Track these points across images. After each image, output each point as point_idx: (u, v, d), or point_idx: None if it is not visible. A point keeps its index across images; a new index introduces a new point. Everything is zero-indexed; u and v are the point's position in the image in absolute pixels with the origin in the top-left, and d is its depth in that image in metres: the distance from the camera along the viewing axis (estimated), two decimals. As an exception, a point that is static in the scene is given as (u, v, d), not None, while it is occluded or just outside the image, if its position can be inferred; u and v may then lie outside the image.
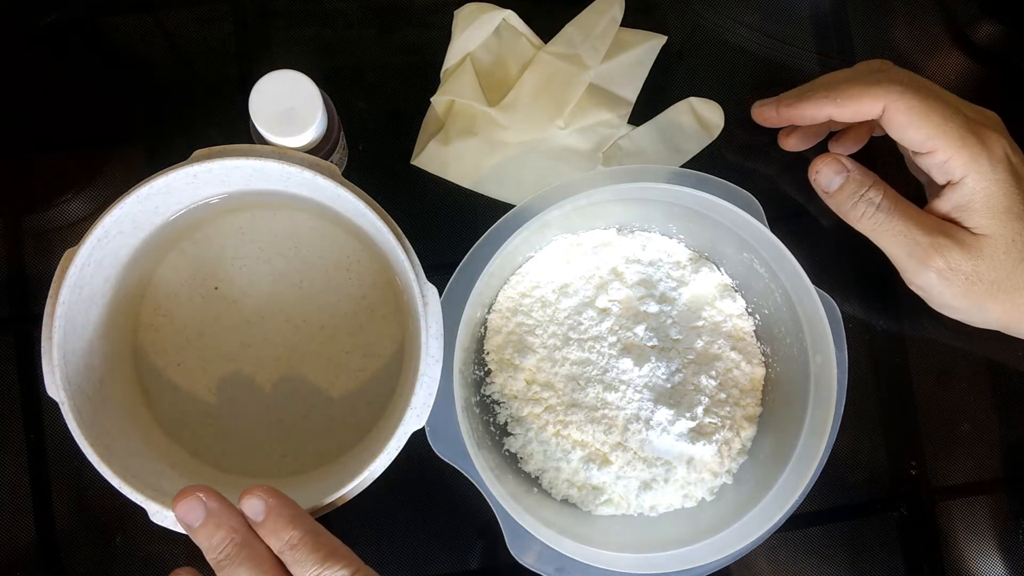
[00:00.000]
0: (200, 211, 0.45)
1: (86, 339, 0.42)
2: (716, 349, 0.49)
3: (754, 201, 0.46)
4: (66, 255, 0.40)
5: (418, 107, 0.52)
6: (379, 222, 0.41)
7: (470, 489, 0.43)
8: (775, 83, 0.53)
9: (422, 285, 0.41)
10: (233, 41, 0.52)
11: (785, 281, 0.46)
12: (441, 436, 0.43)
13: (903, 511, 0.51)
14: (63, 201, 0.51)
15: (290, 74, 0.41)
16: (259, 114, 0.41)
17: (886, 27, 0.55)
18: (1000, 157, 0.43)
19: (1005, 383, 0.52)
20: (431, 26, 0.53)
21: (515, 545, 0.44)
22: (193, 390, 0.46)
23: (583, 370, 0.48)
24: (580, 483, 0.48)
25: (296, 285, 0.47)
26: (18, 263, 0.50)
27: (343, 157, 0.49)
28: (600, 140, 0.52)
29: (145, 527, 0.41)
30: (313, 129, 0.42)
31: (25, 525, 0.48)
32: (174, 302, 0.47)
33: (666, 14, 0.54)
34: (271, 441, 0.46)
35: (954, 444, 0.52)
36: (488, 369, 0.49)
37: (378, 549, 0.49)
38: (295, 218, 0.47)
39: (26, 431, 0.49)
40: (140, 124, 0.52)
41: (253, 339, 0.47)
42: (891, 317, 0.53)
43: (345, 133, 0.48)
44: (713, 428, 0.48)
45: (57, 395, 0.39)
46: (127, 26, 0.52)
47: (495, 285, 0.50)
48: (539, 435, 0.48)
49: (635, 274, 0.50)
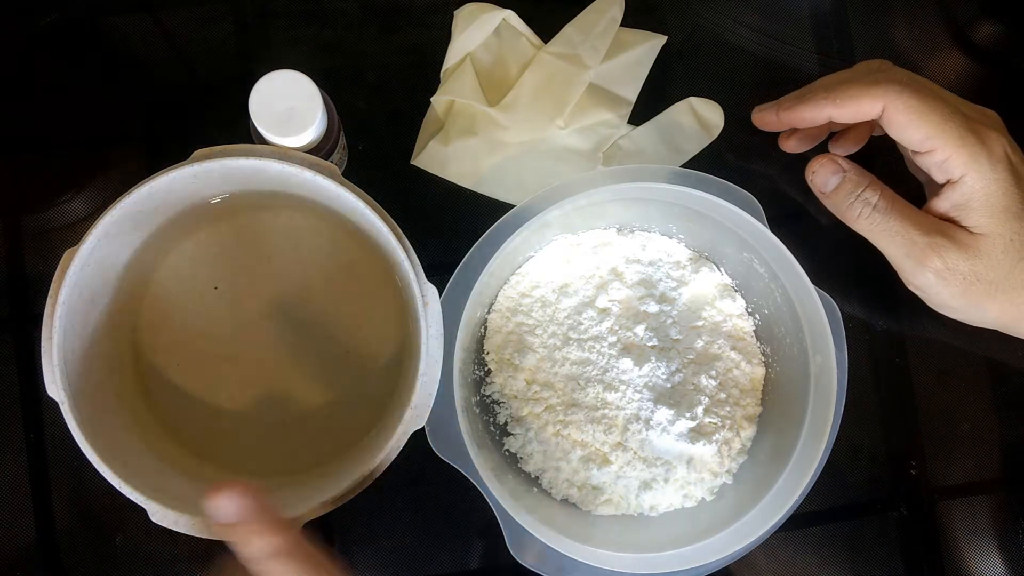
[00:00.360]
0: (200, 211, 0.45)
1: (86, 339, 0.42)
2: (716, 349, 0.49)
3: (754, 201, 0.46)
4: (66, 255, 0.40)
5: (418, 107, 0.52)
6: (379, 222, 0.41)
7: (470, 489, 0.43)
8: (775, 83, 0.53)
9: (422, 285, 0.41)
10: (233, 41, 0.52)
11: (785, 281, 0.46)
12: (441, 436, 0.43)
13: (903, 511, 0.51)
14: (63, 201, 0.51)
15: (290, 74, 0.41)
16: (259, 114, 0.41)
17: (886, 27, 0.55)
18: (1000, 156, 0.43)
19: (1005, 383, 0.52)
20: (431, 26, 0.53)
21: (515, 545, 0.44)
22: (193, 390, 0.46)
23: (583, 370, 0.48)
24: (580, 483, 0.48)
25: (296, 285, 0.47)
26: (18, 263, 0.50)
27: (343, 157, 0.49)
28: (600, 140, 0.52)
29: (145, 527, 0.41)
30: (313, 129, 0.42)
31: (25, 525, 0.48)
32: (174, 302, 0.47)
33: (666, 14, 0.54)
34: (271, 441, 0.46)
35: (954, 444, 0.52)
36: (488, 369, 0.49)
37: (378, 549, 0.49)
38: (295, 218, 0.47)
39: (26, 431, 0.49)
40: (140, 124, 0.52)
41: (253, 339, 0.47)
42: (891, 317, 0.53)
43: (345, 133, 0.48)
44: (713, 428, 0.48)
45: (57, 395, 0.39)
46: (127, 26, 0.52)
47: (495, 285, 0.50)
48: (539, 435, 0.48)
49: (635, 274, 0.50)
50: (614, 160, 0.52)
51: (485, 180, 0.51)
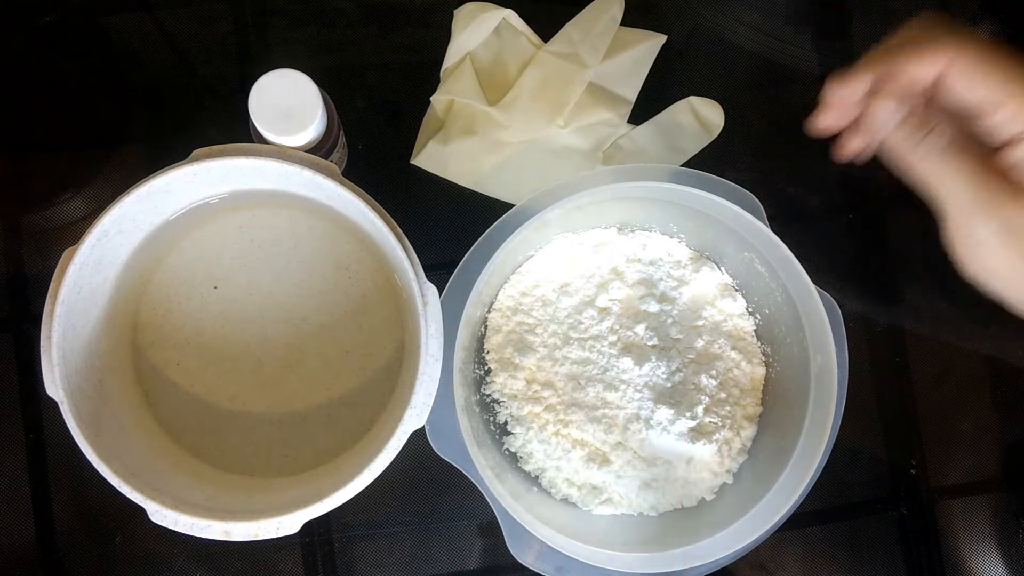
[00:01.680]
0: (200, 210, 0.45)
1: (85, 338, 0.42)
2: (716, 348, 0.49)
3: (755, 200, 0.46)
4: (65, 254, 0.40)
5: (418, 106, 0.52)
6: (379, 221, 0.41)
7: (470, 488, 0.43)
8: (775, 83, 0.53)
9: (421, 284, 0.41)
10: (233, 41, 0.52)
11: (786, 281, 0.46)
12: (441, 435, 0.43)
13: (903, 510, 0.51)
14: (62, 200, 0.51)
15: (290, 73, 0.41)
16: (259, 113, 0.41)
17: (886, 27, 0.55)
18: None
19: (1004, 382, 0.52)
20: (430, 25, 0.53)
21: (515, 544, 0.44)
22: (193, 389, 0.46)
23: (583, 369, 0.48)
24: (580, 482, 0.48)
25: (296, 284, 0.47)
26: (17, 262, 0.50)
27: (343, 156, 0.49)
28: (600, 139, 0.52)
29: (145, 527, 0.41)
30: (313, 128, 0.42)
31: (25, 525, 0.48)
32: (174, 301, 0.47)
33: (666, 14, 0.54)
34: (271, 440, 0.46)
35: (954, 443, 0.52)
36: (488, 368, 0.49)
37: (378, 548, 0.49)
38: (295, 217, 0.47)
39: (26, 431, 0.49)
40: (140, 124, 0.52)
41: (253, 338, 0.47)
42: (891, 317, 0.53)
43: (345, 132, 0.48)
44: (713, 427, 0.48)
45: (56, 394, 0.39)
46: (126, 25, 0.52)
47: (495, 284, 0.50)
48: (539, 434, 0.48)
49: (635, 273, 0.50)
50: (614, 160, 0.52)
51: (485, 179, 0.51)
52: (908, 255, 0.52)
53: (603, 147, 0.52)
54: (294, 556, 0.49)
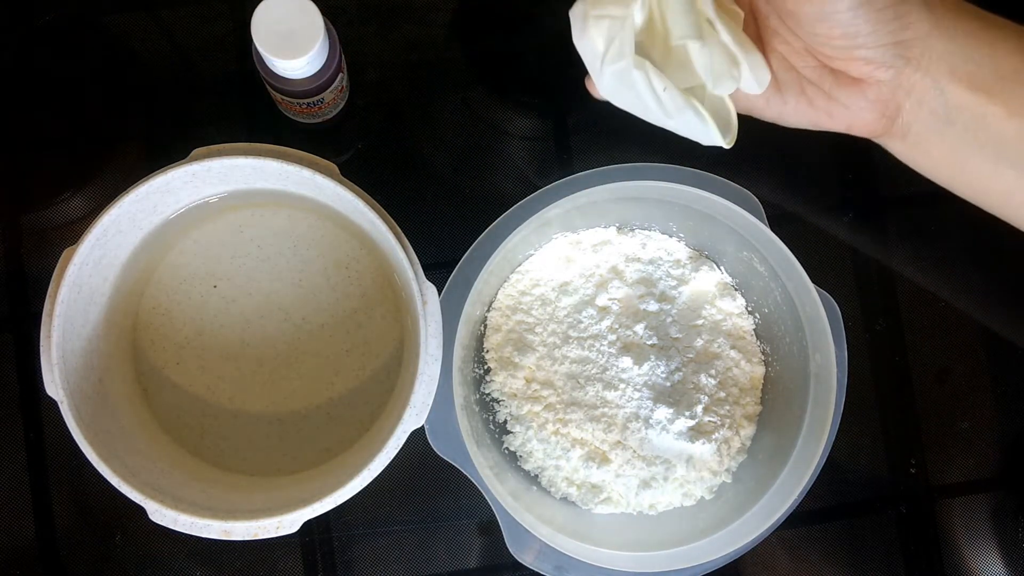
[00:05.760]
0: (199, 210, 0.45)
1: (85, 338, 0.42)
2: (716, 348, 0.49)
3: (754, 199, 0.46)
4: (65, 254, 0.40)
5: (418, 105, 0.52)
6: (378, 221, 0.41)
7: (469, 488, 0.43)
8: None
9: (421, 284, 0.41)
10: (233, 39, 0.52)
11: (785, 280, 0.46)
12: (440, 434, 0.43)
13: (903, 510, 0.51)
14: (62, 200, 0.51)
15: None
16: (260, 33, 0.40)
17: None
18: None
19: (1004, 382, 0.52)
20: (431, 24, 0.53)
21: (514, 544, 0.44)
22: (192, 389, 0.46)
23: (583, 368, 0.48)
24: (579, 481, 0.48)
25: (295, 284, 0.47)
26: (17, 262, 0.50)
27: (340, 99, 0.48)
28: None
29: (145, 526, 0.41)
30: (314, 53, 0.41)
31: (25, 524, 0.48)
32: (173, 301, 0.47)
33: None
34: (270, 440, 0.46)
35: (954, 443, 0.52)
36: (488, 367, 0.49)
37: (377, 548, 0.49)
38: (294, 217, 0.47)
39: (25, 430, 0.49)
40: (140, 123, 0.52)
41: (252, 338, 0.47)
42: (891, 317, 0.53)
43: (344, 130, 0.48)
44: (712, 427, 0.48)
45: (56, 394, 0.39)
46: (126, 24, 0.52)
47: (495, 283, 0.50)
48: (538, 433, 0.48)
49: (635, 272, 0.50)
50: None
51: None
52: (908, 255, 0.52)
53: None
54: (294, 555, 0.49)
